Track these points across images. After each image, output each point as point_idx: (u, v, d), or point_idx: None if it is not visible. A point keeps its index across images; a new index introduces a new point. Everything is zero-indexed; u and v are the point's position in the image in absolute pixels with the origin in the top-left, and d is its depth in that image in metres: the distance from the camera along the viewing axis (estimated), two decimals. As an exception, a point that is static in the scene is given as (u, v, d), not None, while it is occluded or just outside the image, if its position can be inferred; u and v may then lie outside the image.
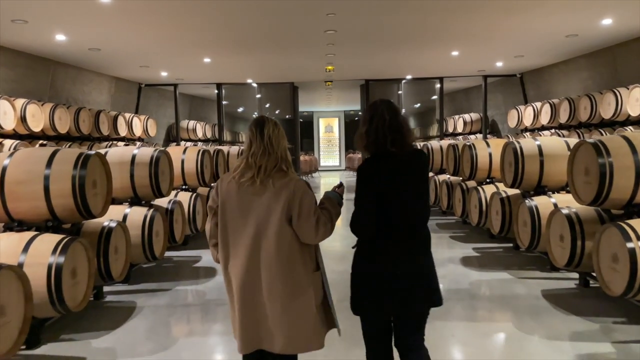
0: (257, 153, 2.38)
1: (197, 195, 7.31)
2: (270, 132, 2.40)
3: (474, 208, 7.37)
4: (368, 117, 2.43)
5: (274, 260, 2.33)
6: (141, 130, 13.34)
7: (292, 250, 2.36)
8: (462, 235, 7.80)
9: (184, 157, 7.43)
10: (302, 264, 2.40)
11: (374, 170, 2.40)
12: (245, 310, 2.38)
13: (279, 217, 2.32)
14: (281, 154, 2.40)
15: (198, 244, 7.44)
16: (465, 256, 6.44)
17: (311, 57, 11.18)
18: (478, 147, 7.42)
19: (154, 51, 10.20)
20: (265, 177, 2.35)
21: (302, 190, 2.35)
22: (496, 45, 10.29)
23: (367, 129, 2.41)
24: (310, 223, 2.33)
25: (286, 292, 2.35)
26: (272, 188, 2.34)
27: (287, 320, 2.36)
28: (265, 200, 2.34)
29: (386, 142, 2.37)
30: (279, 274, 2.34)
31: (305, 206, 2.34)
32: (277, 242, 2.33)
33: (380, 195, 2.35)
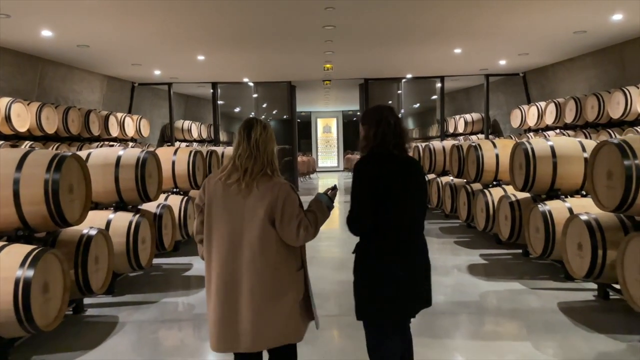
0: (243, 156, 2.41)
1: (188, 198, 6.93)
2: (257, 135, 2.42)
3: (480, 212, 7.01)
4: (375, 121, 2.51)
5: (257, 261, 2.37)
6: (134, 131, 12.95)
7: (276, 251, 2.40)
8: (467, 241, 7.43)
9: (174, 159, 7.05)
10: (286, 264, 2.44)
11: (377, 168, 2.46)
12: (224, 309, 2.39)
13: (262, 220, 2.36)
14: (267, 158, 2.42)
15: (190, 250, 7.06)
16: (472, 263, 6.07)
17: (309, 55, 10.81)
18: (484, 148, 7.06)
19: (146, 48, 9.82)
20: (251, 180, 2.38)
21: (285, 194, 2.39)
22: (500, 42, 9.94)
23: (375, 132, 2.49)
24: (291, 227, 2.37)
25: (267, 293, 2.38)
26: (257, 191, 2.37)
27: (265, 316, 2.38)
28: (250, 203, 2.38)
29: (390, 145, 2.49)
30: (261, 275, 2.37)
31: (288, 210, 2.38)
32: (260, 244, 2.37)
33: (381, 193, 2.40)
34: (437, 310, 4.23)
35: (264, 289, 2.37)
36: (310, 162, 22.83)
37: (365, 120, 2.58)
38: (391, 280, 2.42)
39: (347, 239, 7.70)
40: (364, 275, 2.50)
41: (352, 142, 27.82)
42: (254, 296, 2.37)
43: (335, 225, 9.29)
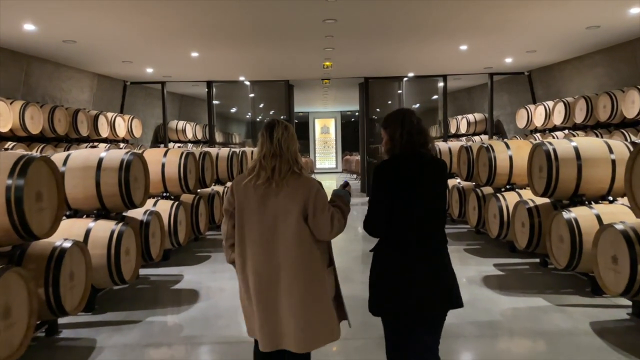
0: (268, 156, 2.45)
1: (179, 203, 6.43)
2: (279, 135, 2.46)
3: (492, 218, 6.54)
4: (399, 122, 2.52)
5: (294, 258, 2.39)
6: (125, 131, 12.44)
7: (310, 248, 2.43)
8: (478, 249, 6.96)
9: (164, 161, 6.55)
10: (319, 260, 2.47)
11: (402, 167, 2.47)
12: (265, 309, 2.42)
13: (297, 217, 2.40)
14: (292, 156, 2.46)
15: (181, 259, 6.58)
16: (486, 275, 5.60)
17: (308, 52, 10.33)
18: (497, 150, 6.59)
19: (136, 44, 9.32)
20: (281, 179, 2.41)
21: (316, 190, 2.44)
22: (508, 38, 9.48)
23: (400, 132, 2.50)
24: (325, 220, 2.41)
25: (306, 289, 2.41)
26: (288, 189, 2.41)
27: (307, 316, 2.40)
28: (282, 201, 2.41)
29: (416, 144, 2.49)
30: (298, 271, 2.40)
31: (320, 204, 2.42)
32: (296, 240, 2.39)
33: (407, 192, 2.41)
34: (450, 333, 3.75)
35: (301, 286, 2.40)
36: (307, 164, 22.34)
37: (388, 123, 2.58)
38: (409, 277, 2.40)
39: (347, 246, 7.19)
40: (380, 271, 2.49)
41: (350, 143, 27.38)
42: (292, 293, 2.39)
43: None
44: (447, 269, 2.49)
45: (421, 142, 2.50)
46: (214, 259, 6.67)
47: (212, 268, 6.22)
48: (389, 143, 2.54)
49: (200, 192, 7.80)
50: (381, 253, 2.49)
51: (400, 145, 2.49)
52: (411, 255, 2.41)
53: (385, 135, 2.59)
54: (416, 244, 2.42)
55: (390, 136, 2.53)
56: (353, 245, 7.66)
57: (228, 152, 9.03)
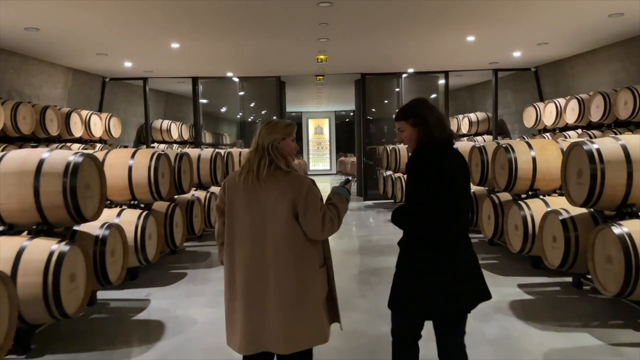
0: (252, 154, 2.42)
1: (148, 213, 5.49)
2: (258, 132, 2.46)
3: (513, 229, 5.65)
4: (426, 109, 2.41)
5: (282, 257, 2.34)
6: (102, 131, 11.46)
7: (300, 247, 2.36)
8: (495, 264, 6.08)
9: (131, 163, 5.61)
10: (310, 260, 2.39)
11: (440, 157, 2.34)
12: (251, 309, 2.35)
13: (286, 214, 2.33)
14: (275, 153, 2.39)
15: (150, 279, 5.65)
16: (513, 299, 4.69)
17: (301, 43, 9.41)
18: (518, 150, 5.71)
19: (109, 34, 8.36)
20: (266, 176, 2.36)
21: (307, 187, 2.36)
22: (520, 28, 8.62)
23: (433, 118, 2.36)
24: (316, 219, 2.34)
25: (293, 289, 2.34)
26: (277, 187, 2.36)
27: (293, 315, 2.33)
28: (271, 199, 2.35)
29: (447, 129, 2.39)
30: (286, 271, 2.34)
31: (311, 203, 2.34)
32: (284, 239, 2.33)
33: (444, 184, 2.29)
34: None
35: (290, 286, 2.34)
36: (301, 165, 21.42)
37: (413, 112, 2.42)
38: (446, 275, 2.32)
39: (345, 260, 6.28)
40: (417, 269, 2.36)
41: (345, 144, 26.50)
42: (280, 293, 2.33)
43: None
44: (478, 264, 2.48)
45: (450, 129, 2.41)
46: (191, 278, 5.73)
47: (187, 290, 5.28)
48: (424, 131, 2.34)
49: (178, 198, 6.86)
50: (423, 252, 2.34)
51: (438, 131, 2.34)
52: (458, 254, 2.36)
53: (407, 127, 2.40)
54: (461, 242, 2.38)
55: (421, 124, 2.36)
56: (352, 259, 6.74)
57: (211, 153, 8.10)
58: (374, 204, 12.63)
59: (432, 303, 2.32)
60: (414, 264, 2.36)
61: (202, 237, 7.96)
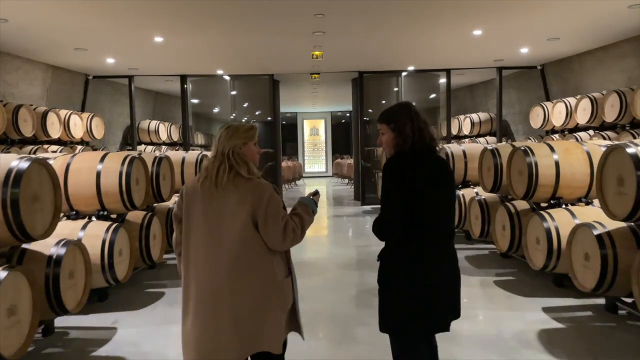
0: (211, 161, 2.32)
1: (118, 225, 4.80)
2: (218, 137, 2.34)
3: (534, 243, 5.00)
4: (408, 116, 2.34)
5: (238, 267, 2.23)
6: (83, 131, 10.73)
7: (259, 257, 2.25)
8: (512, 281, 5.42)
9: (100, 168, 4.92)
10: (270, 270, 2.28)
11: (416, 166, 2.28)
12: (204, 318, 2.24)
13: (245, 223, 2.23)
14: (234, 158, 2.28)
15: (122, 300, 4.96)
16: (540, 329, 4.00)
17: (295, 36, 8.74)
18: (538, 153, 5.06)
19: (85, 26, 7.66)
20: (227, 181, 2.25)
21: (267, 195, 2.25)
22: (531, 21, 7.99)
23: (411, 127, 2.31)
24: (277, 229, 2.23)
25: (251, 301, 2.23)
26: (236, 194, 2.25)
27: (248, 329, 2.23)
28: (231, 206, 2.25)
29: (427, 139, 2.33)
30: (243, 282, 2.23)
31: (271, 211, 2.24)
32: (242, 248, 2.23)
33: (419, 194, 2.22)
34: None
35: (246, 297, 2.22)
36: (296, 168, 20.74)
37: (394, 118, 2.37)
38: (425, 289, 2.25)
39: (342, 278, 5.64)
40: (394, 285, 2.29)
41: (341, 145, 25.87)
42: (235, 305, 2.22)
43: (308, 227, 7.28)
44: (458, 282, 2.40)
45: (431, 138, 2.36)
46: (169, 299, 5.04)
47: (162, 315, 4.59)
48: (398, 139, 2.33)
49: (157, 207, 6.18)
50: (403, 264, 2.28)
51: (412, 141, 2.31)
52: (440, 266, 2.30)
53: (388, 131, 2.39)
54: (443, 253, 2.32)
55: (399, 131, 2.33)
56: (349, 275, 6.05)
57: (197, 155, 7.41)
58: (372, 209, 11.97)
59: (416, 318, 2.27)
60: (392, 278, 2.31)
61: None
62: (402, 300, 2.26)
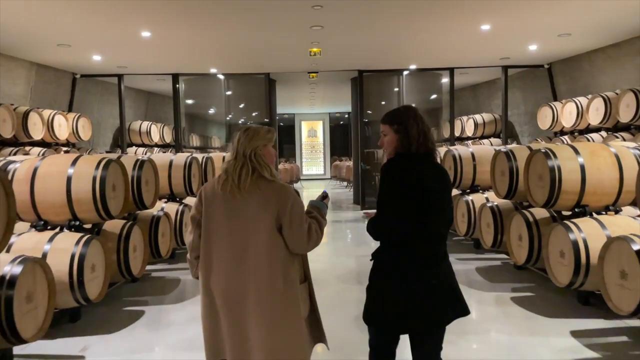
0: (231, 164, 2.29)
1: (91, 237, 4.26)
2: (237, 140, 2.32)
3: (557, 257, 4.47)
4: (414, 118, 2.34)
5: (264, 270, 2.20)
6: (68, 132, 10.20)
7: (282, 260, 2.24)
8: (532, 298, 4.88)
9: (71, 172, 4.39)
10: (292, 275, 2.27)
11: (415, 169, 2.29)
12: (233, 325, 2.23)
13: (269, 227, 2.22)
14: (256, 161, 2.26)
15: (97, 320, 4.42)
16: (573, 359, 3.50)
17: (292, 31, 8.21)
18: (561, 156, 4.54)
19: (64, 19, 7.13)
20: (251, 184, 2.23)
21: (292, 198, 2.26)
22: (542, 16, 7.49)
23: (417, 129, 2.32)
24: (302, 231, 2.24)
25: (276, 305, 2.22)
26: (260, 197, 2.23)
27: (275, 334, 2.22)
28: (254, 209, 2.23)
29: (429, 142, 2.34)
30: (269, 284, 2.21)
31: (297, 214, 2.24)
32: (267, 252, 2.21)
33: (416, 197, 2.23)
34: None
35: (272, 300, 2.20)
36: (293, 170, 20.21)
37: (400, 119, 2.36)
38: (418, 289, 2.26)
39: (343, 294, 5.14)
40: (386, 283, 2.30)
41: (339, 147, 25.36)
42: (262, 308, 2.20)
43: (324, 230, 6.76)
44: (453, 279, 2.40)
45: (432, 142, 2.35)
46: (149, 319, 4.50)
47: (140, 340, 4.05)
48: (403, 141, 2.31)
49: (139, 215, 5.65)
50: (396, 264, 2.28)
51: (417, 143, 2.29)
52: (434, 268, 2.31)
53: (391, 133, 2.37)
54: (437, 256, 2.33)
55: (404, 134, 2.31)
56: (351, 291, 5.49)
57: (186, 158, 6.88)
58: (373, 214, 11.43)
59: (401, 318, 2.28)
60: (384, 277, 2.32)
61: (174, 257, 6.75)
62: (392, 299, 2.28)
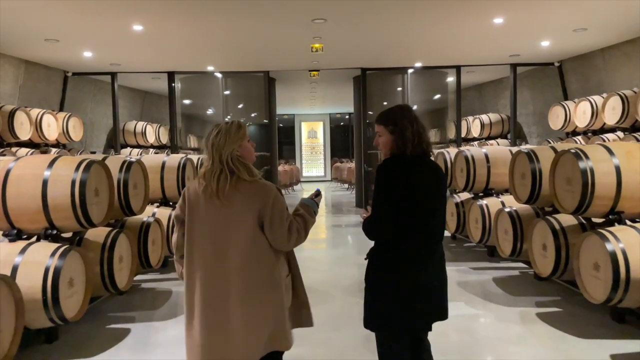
0: (207, 166, 2.28)
1: (69, 248, 3.79)
2: (210, 141, 2.28)
3: (590, 269, 4.01)
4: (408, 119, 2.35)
5: (248, 268, 2.24)
6: (58, 133, 9.73)
7: (265, 257, 2.27)
8: (559, 314, 4.41)
9: (48, 175, 3.92)
10: (276, 270, 2.29)
11: (411, 170, 2.32)
12: (213, 323, 2.23)
13: (251, 225, 2.24)
14: (234, 164, 2.24)
15: (78, 338, 3.97)
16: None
17: (293, 24, 7.75)
18: (594, 157, 4.08)
19: (50, 11, 6.67)
20: (230, 188, 2.22)
21: (273, 197, 2.26)
22: (558, 9, 7.05)
23: (412, 130, 2.33)
24: (282, 230, 2.25)
25: (259, 300, 2.25)
26: (241, 197, 2.24)
27: (259, 328, 2.25)
28: (235, 209, 2.24)
29: (424, 143, 2.36)
30: (252, 282, 2.24)
31: (277, 212, 2.25)
32: (249, 249, 2.24)
33: (413, 197, 2.28)
34: None
35: (255, 297, 2.24)
36: (293, 172, 19.74)
37: (395, 120, 2.36)
38: (413, 290, 2.31)
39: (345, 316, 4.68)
40: (382, 283, 2.34)
41: (340, 149, 24.92)
42: (245, 305, 2.23)
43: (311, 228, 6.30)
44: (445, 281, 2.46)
45: (427, 142, 2.38)
46: (135, 338, 4.03)
47: (122, 363, 3.59)
48: (398, 142, 2.33)
49: (128, 222, 5.19)
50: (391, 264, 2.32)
51: (412, 145, 2.32)
52: (431, 269, 2.35)
53: (385, 133, 2.39)
54: (431, 254, 2.36)
55: (399, 135, 2.33)
56: (356, 306, 5.01)
57: (179, 159, 6.42)
58: (377, 217, 10.97)
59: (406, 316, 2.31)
60: (380, 278, 2.35)
61: (166, 265, 6.29)
62: (388, 299, 2.31)
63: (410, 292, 2.30)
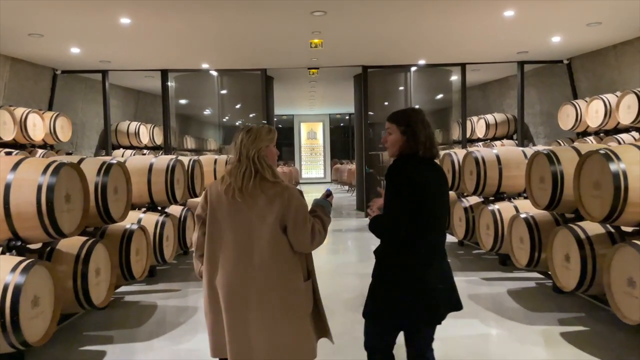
0: (233, 165, 2.32)
1: (32, 263, 3.33)
2: (239, 141, 2.33)
3: (624, 286, 3.55)
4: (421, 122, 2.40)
5: (269, 270, 2.26)
6: (45, 133, 9.28)
7: (287, 259, 2.29)
8: (585, 333, 3.96)
9: (11, 179, 3.47)
10: (295, 274, 2.32)
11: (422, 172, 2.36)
12: (235, 324, 2.27)
13: (273, 227, 2.26)
14: (259, 163, 2.28)
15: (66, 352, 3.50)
16: None
17: (292, 16, 7.30)
18: (626, 159, 3.63)
19: (31, 2, 6.23)
20: (253, 187, 2.25)
21: (296, 199, 2.29)
22: (572, 1, 6.62)
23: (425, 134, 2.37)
24: (305, 231, 2.27)
25: (280, 303, 2.26)
26: (264, 197, 2.26)
27: (279, 332, 2.27)
28: (259, 210, 2.26)
29: (434, 147, 2.42)
30: (273, 285, 2.26)
31: (300, 214, 2.28)
32: (271, 251, 2.25)
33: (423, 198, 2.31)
34: None
35: (275, 299, 2.25)
36: (292, 173, 19.30)
37: (407, 122, 2.40)
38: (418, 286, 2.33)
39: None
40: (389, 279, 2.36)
41: (340, 150, 24.49)
42: (265, 307, 2.24)
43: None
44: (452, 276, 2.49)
45: (437, 146, 2.43)
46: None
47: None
48: (410, 143, 2.37)
49: (109, 229, 4.73)
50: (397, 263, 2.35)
51: (424, 148, 2.37)
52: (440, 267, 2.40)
53: (396, 132, 2.41)
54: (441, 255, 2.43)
55: (412, 137, 2.37)
56: (359, 317, 4.59)
57: (168, 161, 5.97)
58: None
59: (403, 313, 2.32)
60: (389, 274, 2.36)
61: (154, 275, 5.85)
62: (395, 294, 2.33)
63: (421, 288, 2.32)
